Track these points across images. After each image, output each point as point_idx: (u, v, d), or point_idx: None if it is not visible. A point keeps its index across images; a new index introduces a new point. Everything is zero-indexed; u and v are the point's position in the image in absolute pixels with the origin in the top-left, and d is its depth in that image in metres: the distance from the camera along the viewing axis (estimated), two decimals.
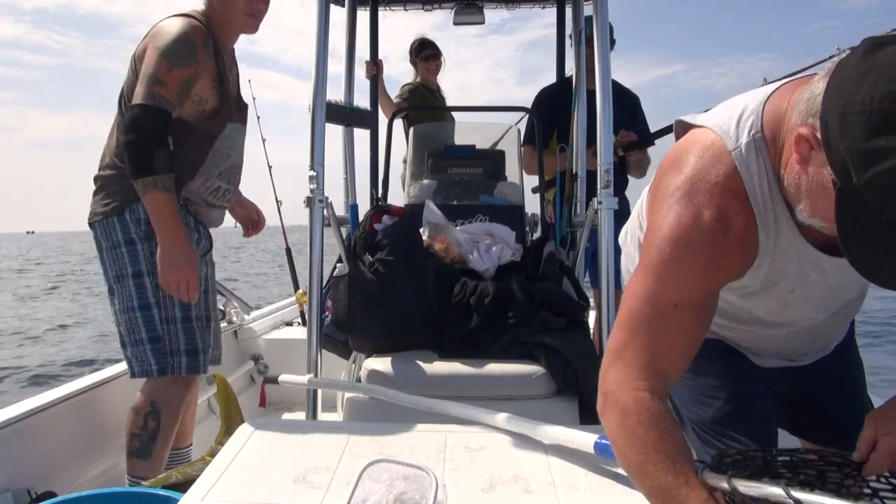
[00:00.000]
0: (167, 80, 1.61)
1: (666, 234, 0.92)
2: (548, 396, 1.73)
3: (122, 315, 1.75)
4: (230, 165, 1.88)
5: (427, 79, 3.81)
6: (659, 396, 0.90)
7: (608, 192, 1.85)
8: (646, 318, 0.93)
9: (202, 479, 1.06)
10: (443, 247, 2.13)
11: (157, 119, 1.60)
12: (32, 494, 1.59)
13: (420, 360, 1.78)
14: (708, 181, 0.91)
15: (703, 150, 0.93)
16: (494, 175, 2.89)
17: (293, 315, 3.48)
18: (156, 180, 1.59)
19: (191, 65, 1.65)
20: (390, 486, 0.91)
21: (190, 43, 1.65)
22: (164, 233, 1.63)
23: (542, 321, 1.87)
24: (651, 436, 0.85)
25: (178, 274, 1.64)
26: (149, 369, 1.73)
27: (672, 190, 0.94)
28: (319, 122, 1.91)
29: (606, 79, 1.93)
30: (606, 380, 0.95)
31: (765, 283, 0.99)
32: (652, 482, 0.84)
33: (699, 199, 0.91)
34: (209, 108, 1.77)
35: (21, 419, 1.66)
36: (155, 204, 1.61)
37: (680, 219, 0.91)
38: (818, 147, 0.78)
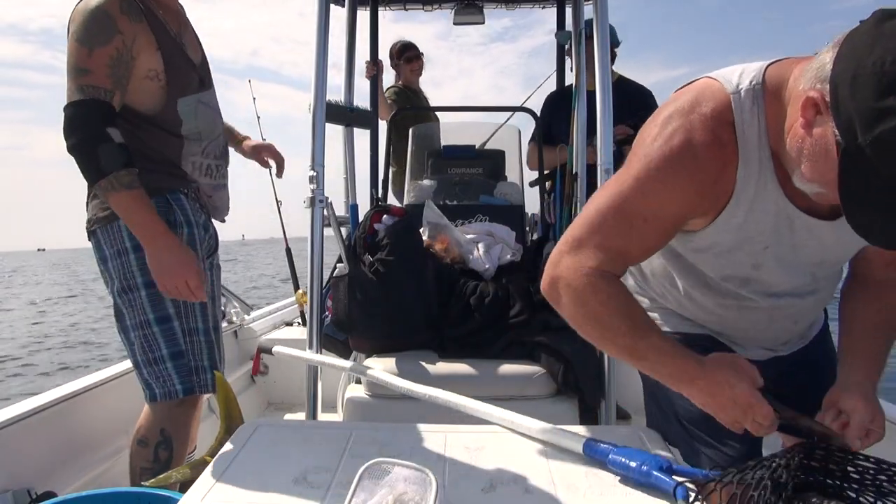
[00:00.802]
0: (90, 65, 1.41)
1: (655, 150, 0.97)
2: (548, 396, 1.73)
3: (135, 332, 1.54)
4: (208, 140, 1.68)
5: (410, 80, 3.84)
6: (610, 279, 1.01)
7: None
8: (612, 222, 1.01)
9: (202, 479, 1.06)
10: (443, 247, 2.14)
11: (91, 114, 1.41)
12: (32, 494, 1.59)
13: (420, 360, 1.78)
14: (702, 112, 0.95)
15: (702, 89, 0.98)
16: (494, 175, 2.89)
17: (293, 315, 3.48)
18: (110, 181, 1.40)
19: (112, 39, 1.43)
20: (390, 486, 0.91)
21: (102, 16, 1.42)
22: (143, 234, 1.45)
23: (542, 321, 1.87)
24: (604, 309, 1.00)
25: (175, 277, 1.46)
26: (173, 390, 1.54)
27: (665, 115, 0.98)
28: (319, 123, 1.91)
29: (606, 78, 1.93)
30: (559, 265, 1.04)
31: (738, 235, 1.02)
32: (615, 348, 1.04)
33: (692, 124, 0.95)
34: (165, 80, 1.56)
35: (21, 419, 1.66)
36: (120, 206, 1.44)
37: (671, 137, 0.96)
38: (825, 110, 0.81)
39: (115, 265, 1.53)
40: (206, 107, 1.67)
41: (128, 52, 1.46)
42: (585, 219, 1.04)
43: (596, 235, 1.02)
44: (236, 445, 1.19)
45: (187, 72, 1.62)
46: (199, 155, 1.65)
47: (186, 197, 1.62)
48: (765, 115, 0.94)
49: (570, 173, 2.68)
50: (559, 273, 1.04)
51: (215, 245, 1.78)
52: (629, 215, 1.00)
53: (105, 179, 1.40)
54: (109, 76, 1.43)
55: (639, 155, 1.00)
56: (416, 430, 1.27)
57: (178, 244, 1.48)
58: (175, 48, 1.58)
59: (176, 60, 1.57)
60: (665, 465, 1.01)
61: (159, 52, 1.52)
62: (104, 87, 1.43)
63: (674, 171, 0.95)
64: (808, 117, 0.85)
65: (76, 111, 1.41)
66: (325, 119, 1.94)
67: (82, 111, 1.41)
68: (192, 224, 1.60)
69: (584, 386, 1.72)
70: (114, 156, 1.40)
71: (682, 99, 0.98)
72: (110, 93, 1.44)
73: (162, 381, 1.54)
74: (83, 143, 1.40)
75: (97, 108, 1.42)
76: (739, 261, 1.06)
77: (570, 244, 1.04)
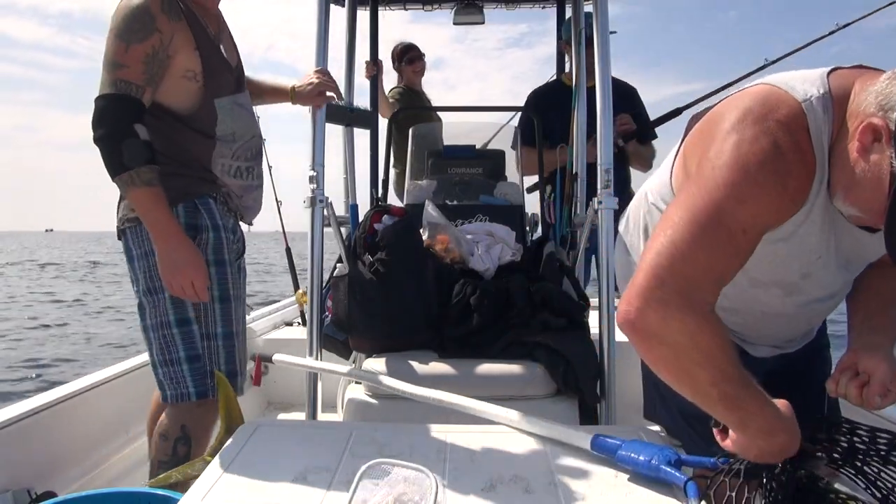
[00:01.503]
0: (126, 60, 1.44)
1: (743, 154, 0.87)
2: (548, 396, 1.73)
3: (154, 332, 1.56)
4: (241, 142, 1.69)
5: (413, 81, 3.85)
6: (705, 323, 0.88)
7: (608, 192, 1.85)
8: (705, 241, 0.87)
9: (202, 479, 1.06)
10: (443, 247, 2.13)
11: (120, 108, 1.44)
12: (32, 494, 1.59)
13: (420, 361, 1.78)
14: (778, 118, 0.88)
15: (767, 95, 0.91)
16: (494, 175, 2.89)
17: (293, 315, 3.48)
18: (132, 176, 1.43)
19: (150, 37, 1.46)
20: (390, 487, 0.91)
21: (143, 13, 1.45)
22: (157, 232, 1.48)
23: (542, 321, 1.87)
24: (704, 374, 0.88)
25: (182, 276, 1.47)
26: (185, 392, 1.56)
27: (734, 121, 0.90)
28: (319, 123, 1.91)
29: (606, 78, 1.93)
30: (645, 317, 0.88)
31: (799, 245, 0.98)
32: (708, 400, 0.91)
33: (771, 129, 0.88)
34: (202, 80, 1.57)
35: (21, 419, 1.66)
36: (138, 201, 1.47)
37: (756, 140, 0.87)
38: (887, 140, 0.81)
39: (142, 265, 1.56)
40: (241, 108, 1.69)
41: (164, 50, 1.48)
42: (664, 247, 0.89)
43: (686, 265, 0.88)
44: (236, 445, 1.19)
45: (224, 73, 1.64)
46: (229, 157, 1.66)
47: (215, 201, 1.63)
48: (832, 126, 0.90)
49: (569, 173, 2.68)
50: (645, 325, 0.89)
51: (242, 248, 1.79)
52: (728, 227, 0.88)
53: (126, 173, 1.43)
54: (143, 72, 1.46)
55: (715, 164, 0.90)
56: (416, 430, 1.27)
57: (188, 244, 1.50)
58: (213, 49, 1.60)
59: (213, 61, 1.59)
60: (673, 459, 1.01)
61: (197, 52, 1.54)
62: (136, 83, 1.45)
63: (769, 174, 0.87)
64: (866, 142, 0.83)
65: (107, 104, 1.45)
66: (325, 119, 1.94)
67: (113, 105, 1.44)
68: (220, 228, 1.61)
69: (584, 386, 1.72)
70: (138, 151, 1.43)
71: (748, 105, 0.91)
72: (141, 89, 1.46)
73: (175, 382, 1.56)
74: (110, 137, 1.43)
75: (127, 103, 1.45)
76: (792, 268, 1.04)
77: (654, 282, 0.88)
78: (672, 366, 0.91)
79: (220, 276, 1.60)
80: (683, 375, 0.91)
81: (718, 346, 0.88)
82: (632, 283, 0.91)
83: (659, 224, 0.94)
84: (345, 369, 1.80)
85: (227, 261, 1.63)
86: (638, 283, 0.90)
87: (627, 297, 0.91)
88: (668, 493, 1.00)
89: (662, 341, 0.88)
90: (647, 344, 0.91)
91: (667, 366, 0.92)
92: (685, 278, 0.87)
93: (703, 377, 0.89)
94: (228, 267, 1.63)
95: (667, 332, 0.88)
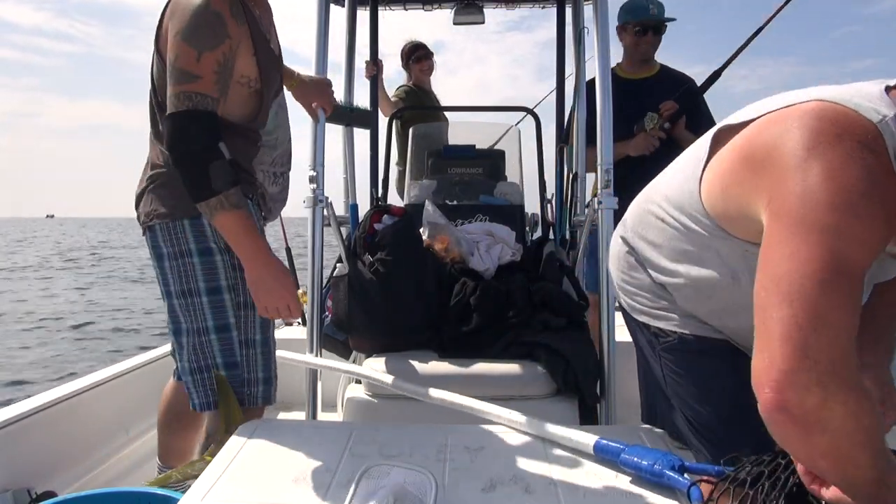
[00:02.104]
0: (199, 70, 1.31)
1: (837, 189, 0.77)
2: (548, 396, 1.73)
3: (188, 337, 1.47)
4: (282, 149, 1.63)
5: (421, 80, 3.86)
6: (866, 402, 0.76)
7: (608, 191, 1.85)
8: (837, 294, 0.76)
9: (202, 479, 1.06)
10: (443, 247, 2.14)
11: (199, 127, 1.32)
12: (32, 494, 1.59)
13: (420, 360, 1.78)
14: (858, 139, 0.79)
15: (836, 114, 0.82)
16: (494, 175, 2.89)
17: None
18: (220, 200, 1.32)
19: (222, 44, 1.33)
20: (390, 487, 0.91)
21: (214, 16, 1.32)
22: (246, 255, 1.39)
23: (542, 321, 1.87)
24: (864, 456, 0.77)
25: (276, 298, 1.40)
26: (215, 401, 1.48)
27: (808, 145, 0.81)
28: (320, 123, 1.91)
29: (606, 78, 1.93)
30: (804, 406, 0.75)
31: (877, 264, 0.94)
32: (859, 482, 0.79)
33: (855, 150, 0.79)
34: (257, 87, 1.47)
35: (21, 419, 1.66)
36: (226, 225, 1.36)
37: (846, 167, 0.77)
38: None
39: (175, 265, 1.46)
40: (283, 110, 1.62)
41: (232, 57, 1.37)
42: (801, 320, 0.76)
43: (830, 332, 0.75)
44: (236, 445, 1.19)
45: (277, 77, 1.54)
46: (269, 164, 1.61)
47: (252, 202, 1.55)
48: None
49: (569, 173, 2.68)
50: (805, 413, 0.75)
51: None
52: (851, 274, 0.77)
53: (215, 198, 1.32)
54: (216, 83, 1.34)
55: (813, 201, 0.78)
56: (416, 430, 1.27)
57: (280, 267, 1.42)
58: (269, 53, 1.49)
59: (269, 66, 1.48)
60: (677, 464, 1.01)
61: (255, 58, 1.44)
62: (211, 95, 1.33)
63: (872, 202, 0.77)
64: None
65: (186, 122, 1.31)
66: (325, 119, 1.94)
67: (195, 123, 1.32)
68: (261, 231, 1.52)
69: (583, 386, 1.72)
70: (225, 173, 1.32)
71: (817, 126, 0.82)
72: (216, 101, 1.34)
73: (206, 391, 1.48)
74: (195, 159, 1.31)
75: (208, 120, 1.33)
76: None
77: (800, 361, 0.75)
78: (835, 452, 0.78)
79: None
80: (845, 460, 0.78)
81: (878, 423, 0.78)
82: (770, 365, 0.78)
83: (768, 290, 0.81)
84: (345, 366, 1.80)
85: None
86: (780, 366, 0.76)
87: (772, 381, 0.77)
88: (668, 495, 1.00)
89: (826, 428, 0.76)
90: (808, 433, 0.77)
91: (830, 452, 0.78)
92: (834, 348, 0.75)
93: (865, 459, 0.78)
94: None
95: (830, 416, 0.75)
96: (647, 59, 2.76)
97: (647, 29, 2.67)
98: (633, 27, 2.69)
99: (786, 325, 0.76)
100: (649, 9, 2.66)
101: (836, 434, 0.76)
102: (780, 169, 0.83)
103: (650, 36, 2.69)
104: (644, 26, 2.67)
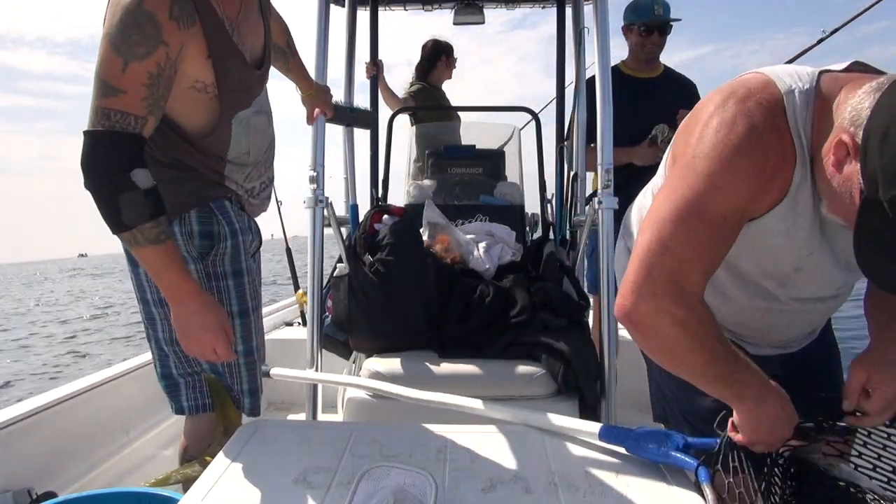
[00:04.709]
0: (123, 84, 1.12)
1: (720, 140, 0.91)
2: (548, 396, 1.73)
3: (169, 346, 1.40)
4: (254, 166, 1.48)
5: (441, 79, 3.78)
6: (692, 310, 0.93)
7: (608, 191, 1.85)
8: (689, 232, 0.92)
9: (202, 479, 1.06)
10: (443, 247, 2.14)
11: (115, 151, 1.14)
12: (32, 494, 1.59)
13: (420, 361, 1.78)
14: (758, 100, 0.92)
15: (753, 82, 0.95)
16: (494, 175, 2.89)
17: (293, 315, 3.49)
18: (134, 235, 1.16)
19: (153, 52, 1.13)
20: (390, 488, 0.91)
21: (145, 20, 1.11)
22: (170, 295, 1.25)
23: (542, 321, 1.87)
24: (698, 358, 0.95)
25: (201, 344, 1.27)
26: (205, 403, 1.44)
27: (717, 103, 0.94)
28: (320, 123, 1.91)
29: (606, 78, 1.93)
30: (638, 307, 0.94)
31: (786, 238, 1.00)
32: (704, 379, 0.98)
33: (750, 110, 0.91)
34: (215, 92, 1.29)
35: (21, 419, 1.66)
36: (145, 261, 1.22)
37: (734, 124, 0.91)
38: (854, 156, 0.84)
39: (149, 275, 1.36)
40: (259, 116, 1.45)
41: (171, 66, 1.17)
42: (651, 242, 0.94)
43: (670, 258, 0.92)
44: (236, 445, 1.19)
45: (244, 80, 1.34)
46: (243, 180, 1.47)
47: (230, 202, 1.43)
48: (812, 122, 0.92)
49: (569, 173, 2.68)
50: (640, 317, 0.95)
51: (259, 242, 1.58)
52: (709, 216, 0.92)
53: (128, 232, 1.17)
54: (144, 99, 1.15)
55: (700, 151, 0.94)
56: (416, 430, 1.27)
57: (205, 307, 1.26)
58: (230, 53, 1.28)
59: (231, 72, 1.29)
60: (681, 443, 1.03)
61: (210, 60, 1.24)
62: (135, 114, 1.15)
63: (746, 157, 0.91)
64: (839, 157, 0.86)
65: (97, 145, 1.14)
66: (325, 119, 1.94)
67: (105, 147, 1.14)
68: (237, 232, 1.42)
69: (584, 386, 1.72)
70: (138, 207, 1.15)
71: (733, 89, 0.96)
72: (142, 120, 1.16)
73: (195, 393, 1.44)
74: (102, 189, 1.15)
75: (123, 145, 1.15)
76: (782, 261, 1.05)
77: (644, 276, 0.94)
78: (668, 354, 0.98)
79: (237, 289, 1.43)
80: (679, 361, 0.98)
81: (706, 331, 0.94)
82: (625, 277, 0.97)
83: (646, 217, 0.99)
84: (345, 379, 1.79)
85: (244, 269, 1.44)
86: (630, 277, 0.96)
87: (622, 291, 0.97)
88: (668, 494, 1.00)
89: (657, 332, 0.95)
90: (643, 335, 0.97)
91: (663, 354, 0.99)
92: (673, 271, 0.92)
93: (697, 361, 0.95)
94: (246, 276, 1.45)
95: (660, 323, 0.93)
96: (652, 59, 2.76)
97: (653, 29, 2.67)
98: (639, 27, 2.69)
99: (642, 247, 0.95)
100: (654, 9, 2.66)
101: (666, 339, 0.94)
102: (693, 125, 0.98)
103: (655, 36, 2.69)
104: (649, 27, 2.67)
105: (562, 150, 2.80)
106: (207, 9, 1.22)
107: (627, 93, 2.61)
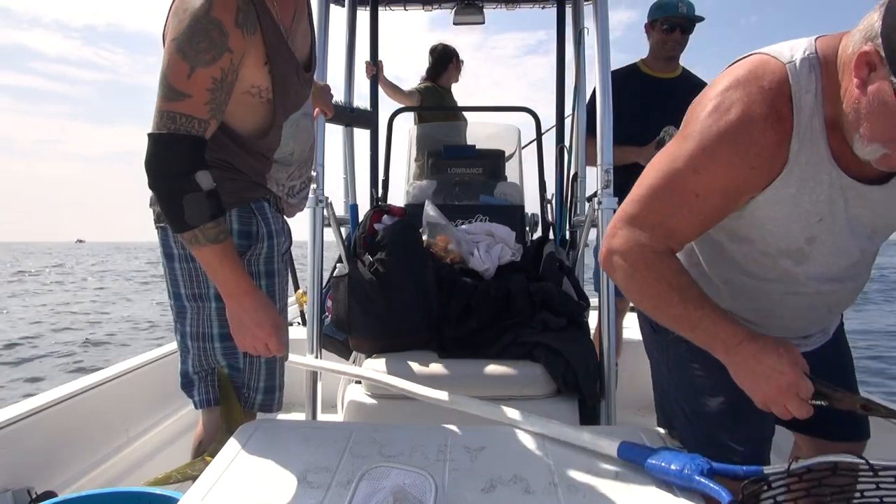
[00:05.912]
0: (189, 88, 1.17)
1: (709, 126, 0.97)
2: (548, 396, 1.73)
3: (193, 340, 1.44)
4: (298, 164, 1.52)
5: (449, 80, 3.95)
6: (661, 255, 1.05)
7: (608, 191, 1.85)
8: (664, 199, 1.04)
9: (202, 479, 1.06)
10: (443, 247, 2.14)
11: (176, 154, 1.19)
12: (32, 494, 1.59)
13: (420, 360, 1.78)
14: (761, 84, 0.95)
15: (756, 63, 0.98)
16: (494, 175, 2.89)
17: (293, 315, 3.48)
18: (195, 234, 1.21)
19: (219, 59, 1.18)
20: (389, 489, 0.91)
21: (214, 25, 1.16)
22: (227, 292, 1.30)
23: (542, 321, 1.87)
24: (656, 283, 1.05)
25: (254, 339, 1.32)
26: (217, 397, 1.47)
27: (721, 88, 0.98)
28: (319, 123, 1.91)
29: (606, 78, 1.93)
30: (615, 239, 1.08)
31: (793, 207, 1.01)
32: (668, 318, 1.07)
33: (751, 96, 0.95)
34: (269, 97, 1.33)
35: (21, 419, 1.66)
36: (205, 260, 1.27)
37: (728, 111, 0.96)
38: (880, 63, 0.85)
39: (185, 267, 1.41)
40: (306, 118, 1.49)
41: (234, 71, 1.22)
42: (638, 195, 1.07)
43: (648, 212, 1.05)
44: (236, 445, 1.19)
45: (296, 85, 1.38)
46: (285, 178, 1.51)
47: (269, 203, 1.47)
48: (820, 83, 0.95)
49: (569, 173, 2.68)
50: (614, 247, 1.08)
51: (290, 242, 1.63)
52: (681, 191, 1.02)
53: (190, 232, 1.21)
54: (207, 103, 1.19)
55: (692, 130, 1.00)
56: (416, 430, 1.27)
57: (260, 304, 1.32)
58: (286, 60, 1.33)
59: (286, 76, 1.33)
60: (706, 469, 0.98)
61: (267, 67, 1.29)
62: (199, 118, 1.19)
63: (728, 146, 0.96)
64: (862, 76, 0.87)
65: (164, 147, 1.19)
66: (325, 119, 1.94)
67: (171, 149, 1.19)
68: (273, 234, 1.46)
69: (584, 386, 1.72)
70: (201, 208, 1.20)
71: (737, 72, 0.98)
72: (205, 123, 1.20)
73: (206, 388, 1.47)
74: (167, 190, 1.21)
75: (188, 147, 1.19)
76: (793, 234, 1.05)
77: (625, 220, 1.08)
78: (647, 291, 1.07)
79: (269, 290, 1.46)
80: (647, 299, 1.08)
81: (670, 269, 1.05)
82: (613, 219, 1.11)
83: (644, 172, 1.09)
84: (345, 368, 1.80)
85: (276, 271, 1.49)
86: (614, 221, 1.11)
87: (608, 229, 1.12)
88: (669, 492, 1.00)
89: (626, 258, 1.07)
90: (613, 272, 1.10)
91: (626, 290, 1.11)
92: (645, 223, 1.06)
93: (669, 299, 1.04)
94: (277, 277, 1.50)
95: (627, 250, 1.07)
96: (673, 57, 2.74)
97: (676, 26, 2.66)
98: (662, 24, 2.68)
99: (631, 197, 1.09)
100: (678, 7, 2.66)
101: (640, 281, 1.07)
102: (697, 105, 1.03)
103: (678, 34, 2.68)
104: (672, 23, 2.66)
105: (562, 150, 2.80)
106: (268, 16, 1.26)
107: (645, 92, 2.62)
